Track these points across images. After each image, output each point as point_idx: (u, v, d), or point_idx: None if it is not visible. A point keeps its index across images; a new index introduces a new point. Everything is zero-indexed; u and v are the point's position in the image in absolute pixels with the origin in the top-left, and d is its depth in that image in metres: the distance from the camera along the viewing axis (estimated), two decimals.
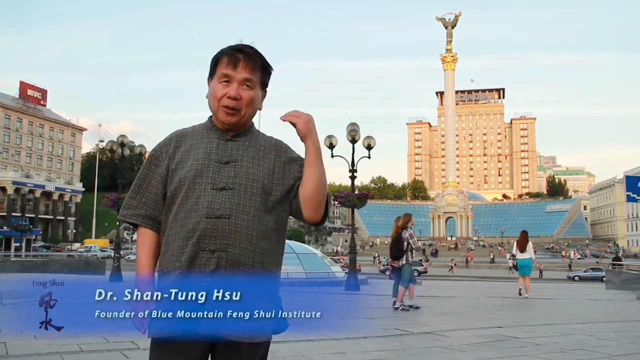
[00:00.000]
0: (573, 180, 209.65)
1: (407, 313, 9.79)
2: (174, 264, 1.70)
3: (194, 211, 1.72)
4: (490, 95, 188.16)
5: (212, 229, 1.69)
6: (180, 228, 1.72)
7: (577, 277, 38.77)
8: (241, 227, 1.71)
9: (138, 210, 1.82)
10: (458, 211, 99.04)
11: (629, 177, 22.52)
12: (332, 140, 18.17)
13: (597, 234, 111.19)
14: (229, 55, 1.80)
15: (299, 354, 5.19)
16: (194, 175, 1.75)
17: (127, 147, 22.46)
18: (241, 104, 1.79)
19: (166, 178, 1.81)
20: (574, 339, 6.74)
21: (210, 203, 1.71)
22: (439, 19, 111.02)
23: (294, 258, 18.69)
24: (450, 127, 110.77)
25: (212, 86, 1.82)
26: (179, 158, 1.80)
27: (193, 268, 1.67)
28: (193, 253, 1.68)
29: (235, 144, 1.82)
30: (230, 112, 1.79)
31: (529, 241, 14.13)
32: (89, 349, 5.16)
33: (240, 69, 1.79)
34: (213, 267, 1.67)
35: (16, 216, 59.45)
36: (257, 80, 1.82)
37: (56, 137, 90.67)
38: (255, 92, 1.81)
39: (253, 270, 1.71)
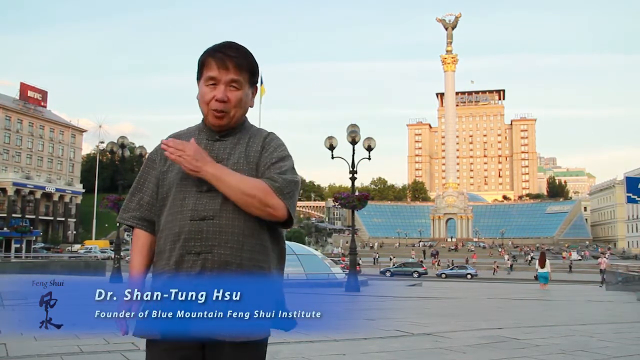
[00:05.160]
0: (573, 181, 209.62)
1: (408, 314, 9.78)
2: (163, 267, 1.73)
3: (179, 214, 1.73)
4: (491, 96, 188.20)
5: (196, 231, 1.70)
6: (169, 231, 1.74)
7: (444, 275, 40.28)
8: (226, 226, 1.70)
9: (135, 213, 1.84)
10: (458, 212, 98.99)
11: (629, 178, 22.49)
12: (333, 141, 18.18)
13: (598, 235, 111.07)
14: (213, 57, 1.78)
15: (299, 355, 5.19)
16: (181, 178, 1.76)
17: (127, 148, 22.50)
18: (229, 106, 1.78)
19: (159, 181, 1.83)
20: (574, 340, 6.74)
21: (195, 205, 1.72)
22: (439, 20, 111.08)
23: (294, 259, 18.66)
24: (450, 129, 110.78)
25: (199, 89, 1.83)
26: (170, 161, 1.80)
27: (180, 270, 1.69)
28: (179, 256, 1.70)
29: (223, 143, 1.82)
30: (219, 115, 1.78)
31: (547, 259, 21.15)
32: (89, 350, 5.16)
33: (226, 71, 1.77)
34: (199, 269, 1.68)
35: (16, 217, 59.41)
36: (245, 79, 1.80)
37: (56, 138, 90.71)
38: (243, 93, 1.80)
39: (242, 269, 1.70)
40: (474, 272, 40.67)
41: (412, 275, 38.79)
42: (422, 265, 42.69)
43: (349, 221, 63.15)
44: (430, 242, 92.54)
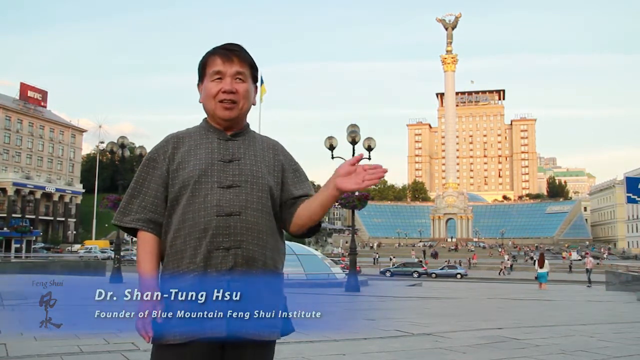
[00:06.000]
0: (573, 181, 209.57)
1: (408, 314, 9.78)
2: (187, 266, 1.67)
3: (202, 210, 1.70)
4: (491, 96, 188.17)
5: (224, 227, 1.68)
6: (191, 229, 1.69)
7: (434, 275, 39.89)
8: (252, 223, 1.71)
9: (138, 215, 1.78)
10: (458, 212, 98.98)
11: (629, 178, 22.48)
12: (333, 141, 18.18)
13: (598, 235, 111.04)
14: (217, 54, 1.81)
15: (299, 355, 5.19)
16: (199, 175, 1.73)
17: (127, 148, 22.48)
18: (238, 97, 1.79)
19: (167, 180, 1.78)
20: (575, 340, 6.74)
21: (219, 201, 1.70)
22: (439, 20, 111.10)
23: (295, 259, 18.66)
24: (450, 129, 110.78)
25: (205, 87, 1.82)
26: (179, 159, 1.78)
27: (210, 268, 1.65)
28: (207, 252, 1.66)
29: (235, 143, 1.82)
30: (228, 107, 1.78)
31: (546, 260, 23.09)
32: (89, 350, 5.15)
33: (231, 63, 1.79)
34: (231, 264, 1.65)
35: (16, 217, 59.36)
36: (248, 73, 1.83)
37: (56, 138, 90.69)
38: (248, 85, 1.82)
39: (265, 268, 1.71)
40: (464, 272, 41.13)
41: (412, 275, 38.83)
42: (422, 265, 42.75)
43: (349, 221, 63.14)
44: (430, 242, 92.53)
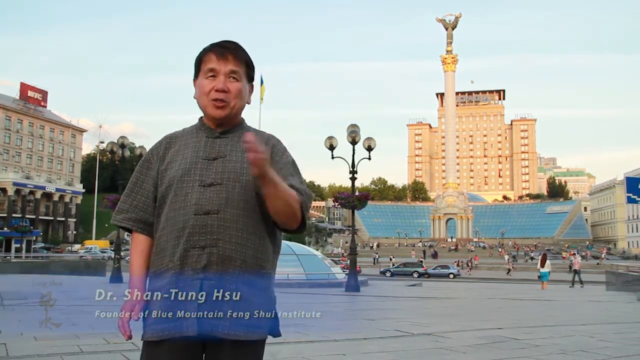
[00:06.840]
0: (573, 181, 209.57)
1: (408, 314, 9.78)
2: (167, 264, 1.70)
3: (182, 209, 1.71)
4: (491, 96, 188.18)
5: (200, 225, 1.68)
6: (171, 227, 1.72)
7: (426, 275, 40.00)
8: (230, 221, 1.70)
9: (129, 214, 1.82)
10: (458, 212, 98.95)
11: (629, 178, 22.49)
12: (333, 141, 18.16)
13: (598, 235, 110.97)
14: (213, 51, 1.80)
15: (299, 355, 5.18)
16: (182, 174, 1.75)
17: (127, 148, 22.48)
18: (229, 96, 1.78)
19: (157, 180, 1.82)
20: (574, 341, 6.74)
21: (198, 200, 1.71)
22: (439, 20, 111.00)
23: (294, 259, 18.61)
24: (450, 129, 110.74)
25: (199, 83, 1.82)
26: (169, 159, 1.81)
27: (185, 266, 1.66)
28: (184, 251, 1.67)
29: (223, 140, 1.81)
30: (219, 105, 1.78)
31: (548, 259, 24.49)
32: (89, 350, 5.14)
33: (225, 61, 1.78)
34: (204, 263, 1.66)
35: (16, 217, 59.34)
36: (243, 72, 1.82)
37: (57, 138, 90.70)
38: (242, 84, 1.82)
39: (246, 267, 1.69)
40: (456, 272, 41.90)
41: (412, 276, 38.86)
42: (422, 265, 42.83)
43: (349, 221, 63.14)
44: (430, 242, 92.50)
